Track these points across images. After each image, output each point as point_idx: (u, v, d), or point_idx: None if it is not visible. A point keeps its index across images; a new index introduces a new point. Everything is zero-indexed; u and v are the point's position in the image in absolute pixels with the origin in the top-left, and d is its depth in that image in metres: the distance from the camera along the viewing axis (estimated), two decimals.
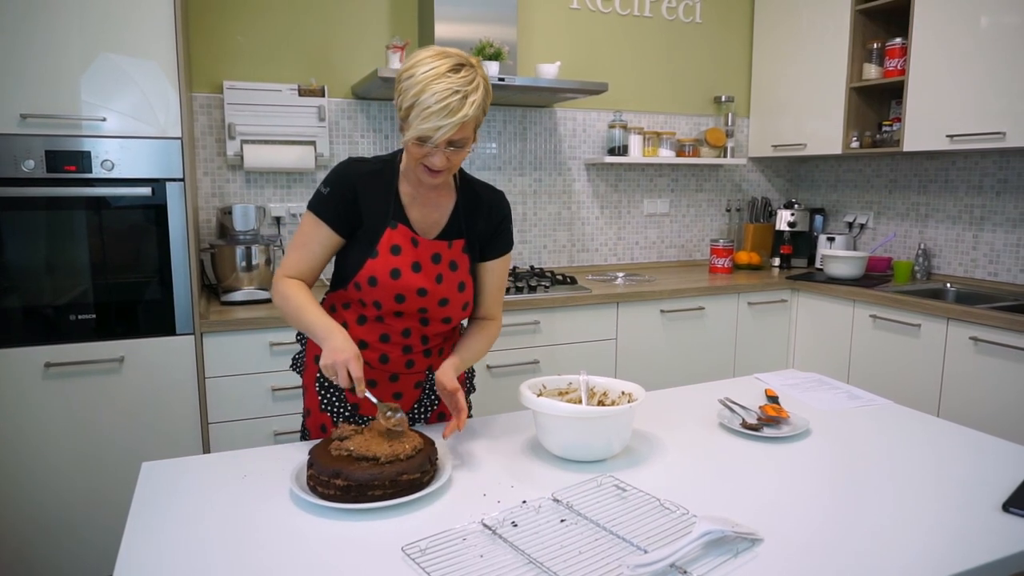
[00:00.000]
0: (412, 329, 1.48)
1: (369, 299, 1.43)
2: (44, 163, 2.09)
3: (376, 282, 1.41)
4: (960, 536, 1.08)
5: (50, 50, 2.05)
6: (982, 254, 3.21)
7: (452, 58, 1.29)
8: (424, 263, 1.44)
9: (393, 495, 1.17)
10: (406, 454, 1.21)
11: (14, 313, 2.12)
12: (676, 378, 3.10)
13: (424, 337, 1.50)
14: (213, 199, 2.89)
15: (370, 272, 1.41)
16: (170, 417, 2.30)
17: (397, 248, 1.42)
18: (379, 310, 1.44)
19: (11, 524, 2.18)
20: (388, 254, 1.41)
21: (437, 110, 1.25)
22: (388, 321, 1.46)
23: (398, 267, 1.41)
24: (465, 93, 1.27)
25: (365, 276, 1.41)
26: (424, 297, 1.44)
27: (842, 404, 1.72)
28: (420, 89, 1.26)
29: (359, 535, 1.08)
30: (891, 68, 3.17)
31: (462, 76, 1.28)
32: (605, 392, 1.47)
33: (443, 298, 1.46)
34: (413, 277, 1.42)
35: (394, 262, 1.41)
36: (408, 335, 1.48)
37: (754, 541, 1.05)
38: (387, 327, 1.47)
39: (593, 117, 3.56)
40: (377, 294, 1.42)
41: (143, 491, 1.23)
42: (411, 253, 1.43)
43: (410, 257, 1.42)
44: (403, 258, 1.42)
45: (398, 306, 1.43)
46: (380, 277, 1.41)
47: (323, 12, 2.99)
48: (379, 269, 1.40)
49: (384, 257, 1.41)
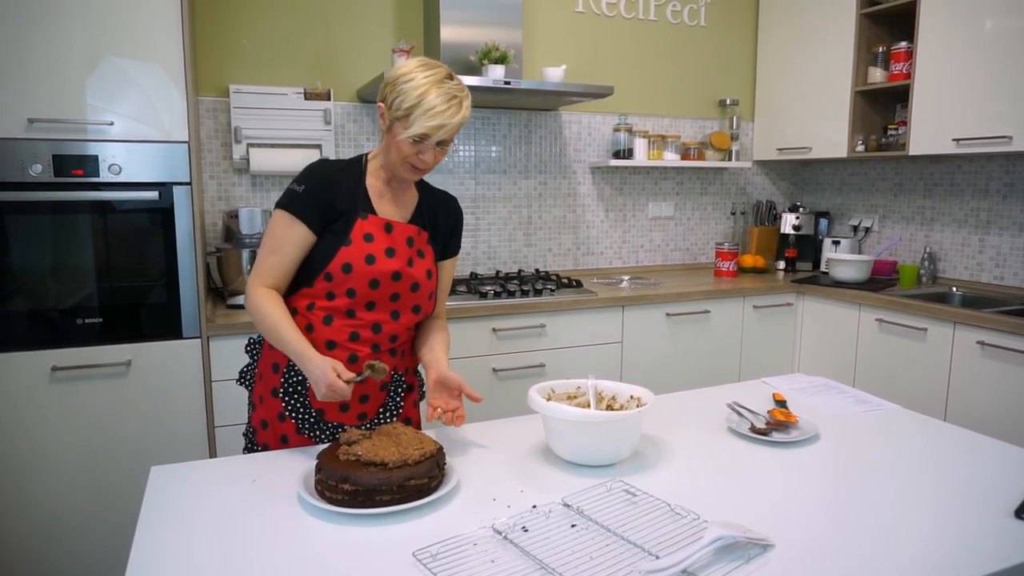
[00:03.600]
0: (382, 323, 1.49)
1: (342, 288, 1.44)
2: (51, 167, 2.10)
3: (351, 268, 1.43)
4: (970, 542, 1.08)
5: (56, 53, 2.06)
6: (988, 258, 3.21)
7: (443, 68, 1.41)
8: (398, 247, 1.49)
9: (401, 500, 1.17)
10: (414, 459, 1.20)
11: (21, 317, 2.12)
12: (681, 381, 3.09)
13: (393, 335, 1.52)
14: (219, 202, 2.89)
15: (344, 259, 1.43)
16: (177, 421, 2.30)
17: (370, 236, 1.46)
18: (351, 299, 1.45)
19: (18, 527, 2.18)
20: (361, 241, 1.45)
21: (443, 110, 1.36)
22: (359, 314, 1.47)
23: (372, 253, 1.45)
24: (461, 98, 1.40)
25: (339, 264, 1.43)
26: (398, 282, 1.48)
27: (850, 409, 1.72)
28: (425, 91, 1.36)
29: (369, 540, 1.08)
30: (896, 72, 3.16)
31: (456, 83, 1.41)
32: (614, 396, 1.47)
33: (415, 282, 1.50)
34: (387, 262, 1.46)
35: (368, 248, 1.45)
36: (378, 331, 1.50)
37: (765, 547, 1.05)
38: (357, 323, 1.48)
39: (598, 120, 3.56)
40: (351, 281, 1.44)
41: (152, 495, 1.23)
42: (384, 239, 1.47)
43: (384, 243, 1.47)
44: (376, 244, 1.46)
45: (372, 293, 1.46)
46: (355, 263, 1.43)
47: (329, 16, 2.99)
48: (354, 256, 1.44)
49: (358, 244, 1.44)
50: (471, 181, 3.34)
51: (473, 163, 3.33)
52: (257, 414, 1.56)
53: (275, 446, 1.53)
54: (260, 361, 1.58)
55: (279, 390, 1.52)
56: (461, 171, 3.31)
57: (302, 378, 1.49)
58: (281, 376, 1.51)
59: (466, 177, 3.32)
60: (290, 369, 1.50)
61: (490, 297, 2.77)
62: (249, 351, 1.63)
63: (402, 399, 1.61)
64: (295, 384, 1.50)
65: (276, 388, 1.52)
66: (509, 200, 3.43)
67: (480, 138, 3.33)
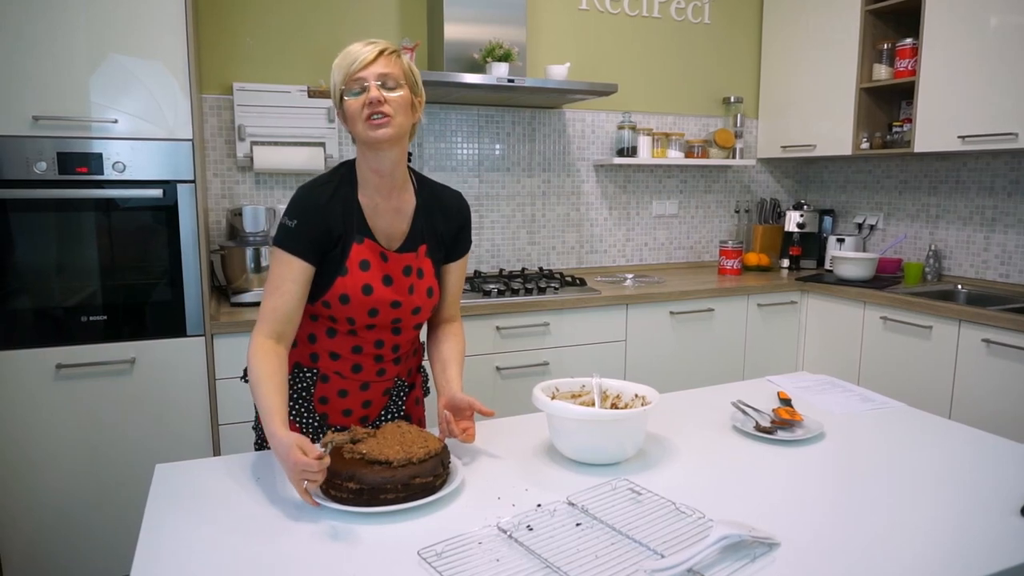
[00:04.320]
0: (384, 340, 1.48)
1: (341, 316, 1.41)
2: (56, 165, 2.10)
3: (348, 299, 1.39)
4: (977, 541, 1.07)
5: (60, 51, 2.06)
6: (994, 255, 3.20)
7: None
8: (395, 276, 1.43)
9: (406, 498, 1.16)
10: (419, 457, 1.20)
11: (26, 314, 2.13)
12: (685, 380, 3.09)
13: (395, 346, 1.50)
14: (223, 200, 2.89)
15: (340, 290, 1.38)
16: (181, 418, 2.31)
17: (366, 263, 1.39)
18: (352, 325, 1.43)
19: (23, 524, 2.19)
20: (358, 270, 1.39)
21: (356, 50, 1.32)
22: (361, 334, 1.45)
23: (369, 283, 1.39)
24: (377, 41, 1.34)
25: (336, 295, 1.38)
26: (398, 309, 1.44)
27: (855, 407, 1.71)
28: (340, 59, 1.33)
29: (374, 539, 1.08)
30: (902, 68, 3.15)
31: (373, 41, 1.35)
32: (618, 395, 1.47)
33: (416, 307, 1.47)
34: (385, 291, 1.41)
35: (364, 278, 1.39)
36: (380, 345, 1.48)
37: (771, 545, 1.05)
38: (359, 339, 1.46)
39: (602, 118, 3.55)
40: (350, 311, 1.40)
41: (158, 493, 1.23)
42: (381, 267, 1.41)
43: (381, 271, 1.41)
44: (373, 273, 1.40)
45: (371, 320, 1.42)
46: (352, 294, 1.38)
47: (332, 13, 2.99)
48: (350, 286, 1.38)
49: (354, 274, 1.38)
50: (475, 179, 3.33)
51: (477, 161, 3.33)
52: None
53: None
54: None
55: None
56: (464, 169, 3.31)
57: (307, 383, 1.49)
58: None
59: (469, 175, 3.32)
60: (295, 375, 1.49)
61: (494, 295, 2.77)
62: None
63: (403, 400, 1.61)
64: (300, 390, 1.50)
65: None
66: (513, 198, 3.43)
67: (484, 136, 3.33)
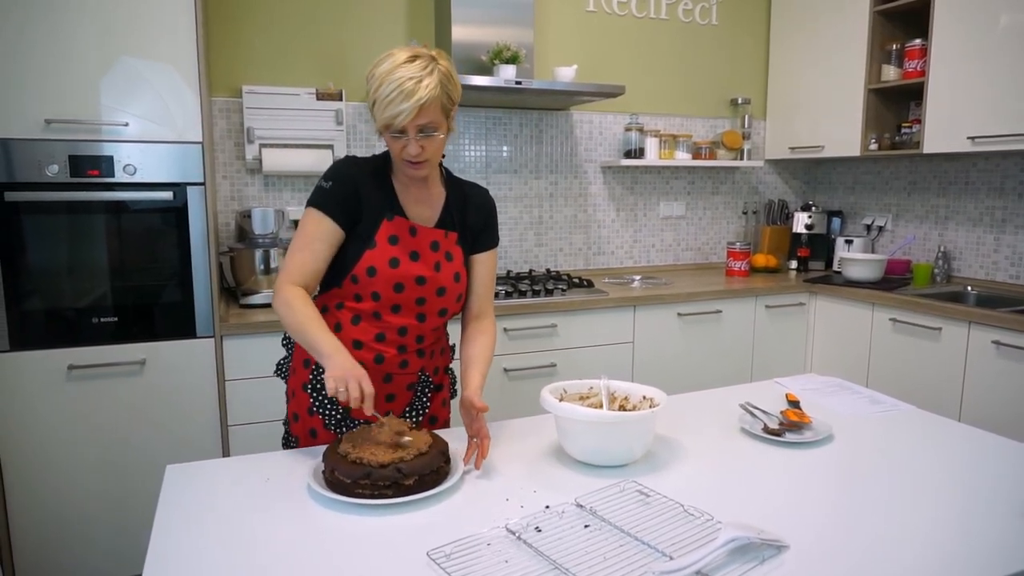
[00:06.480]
0: (409, 327, 1.49)
1: (367, 291, 1.44)
2: (68, 168, 2.12)
3: (375, 272, 1.43)
4: (986, 543, 1.07)
5: (71, 54, 2.07)
6: (1003, 256, 3.18)
7: (408, 51, 1.36)
8: (423, 252, 1.47)
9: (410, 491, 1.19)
10: (420, 450, 1.24)
11: (37, 316, 2.14)
12: (693, 381, 3.08)
13: (419, 336, 1.52)
14: (232, 202, 2.91)
15: (369, 262, 1.43)
16: (190, 419, 2.32)
17: (395, 238, 1.45)
18: (377, 302, 1.45)
19: (34, 524, 2.21)
20: (386, 244, 1.44)
21: (394, 97, 1.32)
22: (385, 317, 1.47)
23: (396, 256, 1.44)
24: (419, 78, 1.32)
25: (364, 267, 1.43)
26: (423, 286, 1.46)
27: (864, 409, 1.71)
28: (379, 83, 1.34)
29: (383, 539, 1.08)
30: (910, 69, 3.14)
31: (416, 64, 1.34)
32: (626, 397, 1.47)
33: (441, 287, 1.49)
34: (412, 266, 1.45)
35: (392, 251, 1.44)
36: (404, 333, 1.50)
37: (780, 548, 1.05)
38: (383, 325, 1.48)
39: (609, 120, 3.55)
40: (376, 285, 1.43)
41: (168, 494, 1.24)
42: (409, 242, 1.46)
43: (408, 246, 1.46)
44: (401, 247, 1.45)
45: (397, 296, 1.45)
46: (379, 266, 1.43)
47: (341, 16, 3.00)
48: (378, 259, 1.43)
49: (382, 247, 1.44)
50: (482, 181, 3.33)
51: (484, 163, 3.33)
52: (290, 407, 1.59)
53: (305, 439, 1.55)
54: (294, 355, 1.60)
55: (308, 385, 1.54)
56: (472, 171, 3.31)
57: None
58: (310, 372, 1.53)
59: (477, 177, 3.32)
60: (319, 366, 1.50)
61: (501, 297, 2.77)
62: (285, 344, 1.66)
63: (429, 399, 1.61)
64: (324, 381, 1.51)
65: (306, 383, 1.55)
66: (520, 200, 3.43)
67: (491, 138, 3.33)
